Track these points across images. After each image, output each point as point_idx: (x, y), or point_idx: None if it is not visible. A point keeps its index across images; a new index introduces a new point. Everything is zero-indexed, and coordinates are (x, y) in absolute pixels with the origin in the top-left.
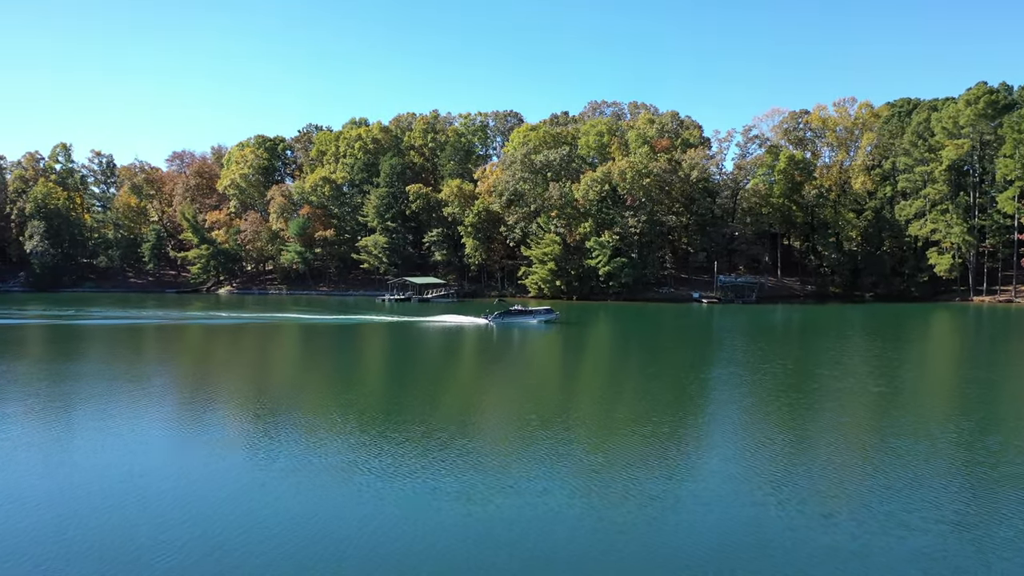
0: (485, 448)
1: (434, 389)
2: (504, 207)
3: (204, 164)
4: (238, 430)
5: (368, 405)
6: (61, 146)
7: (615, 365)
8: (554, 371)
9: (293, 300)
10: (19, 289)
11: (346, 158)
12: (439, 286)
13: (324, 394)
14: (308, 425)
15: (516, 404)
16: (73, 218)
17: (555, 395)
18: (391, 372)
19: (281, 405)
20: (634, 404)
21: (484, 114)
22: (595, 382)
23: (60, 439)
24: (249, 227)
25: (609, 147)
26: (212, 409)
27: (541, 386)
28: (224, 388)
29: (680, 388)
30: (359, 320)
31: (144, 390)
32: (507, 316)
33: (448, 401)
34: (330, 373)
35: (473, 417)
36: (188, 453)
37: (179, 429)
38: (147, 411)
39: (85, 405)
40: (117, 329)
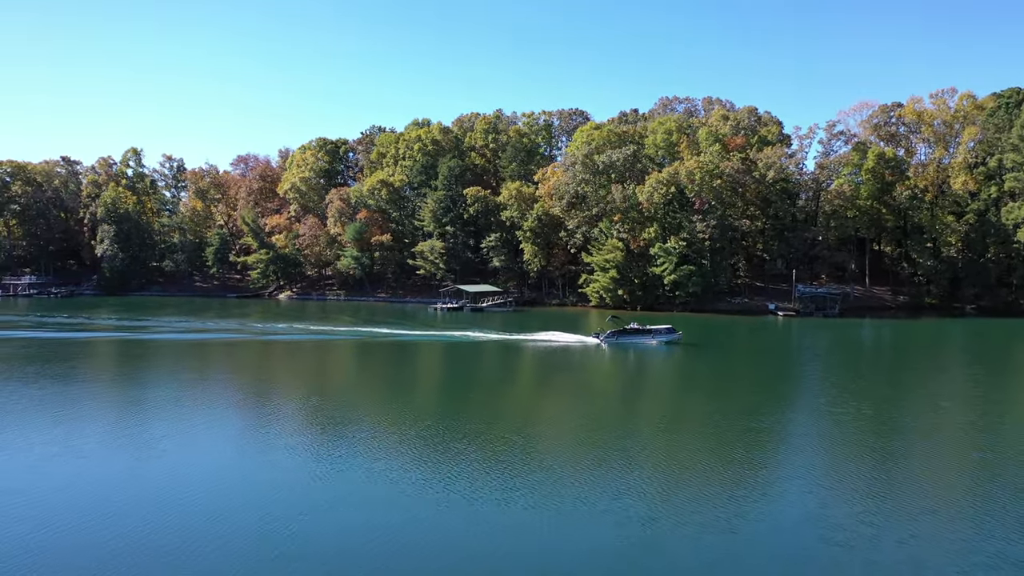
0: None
1: (550, 426)
2: (564, 210)
3: (267, 167)
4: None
5: (483, 443)
6: (132, 151)
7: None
8: (689, 405)
9: (352, 308)
10: (91, 292)
11: (405, 160)
12: (494, 294)
13: (440, 429)
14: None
15: (646, 449)
16: (142, 222)
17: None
18: (496, 400)
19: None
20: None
21: (548, 113)
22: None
23: (142, 448)
24: (307, 231)
25: (678, 146)
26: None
27: (672, 427)
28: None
29: (728, 435)
30: (445, 338)
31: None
32: (621, 335)
33: (567, 437)
34: (443, 407)
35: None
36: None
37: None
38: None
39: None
40: (184, 347)
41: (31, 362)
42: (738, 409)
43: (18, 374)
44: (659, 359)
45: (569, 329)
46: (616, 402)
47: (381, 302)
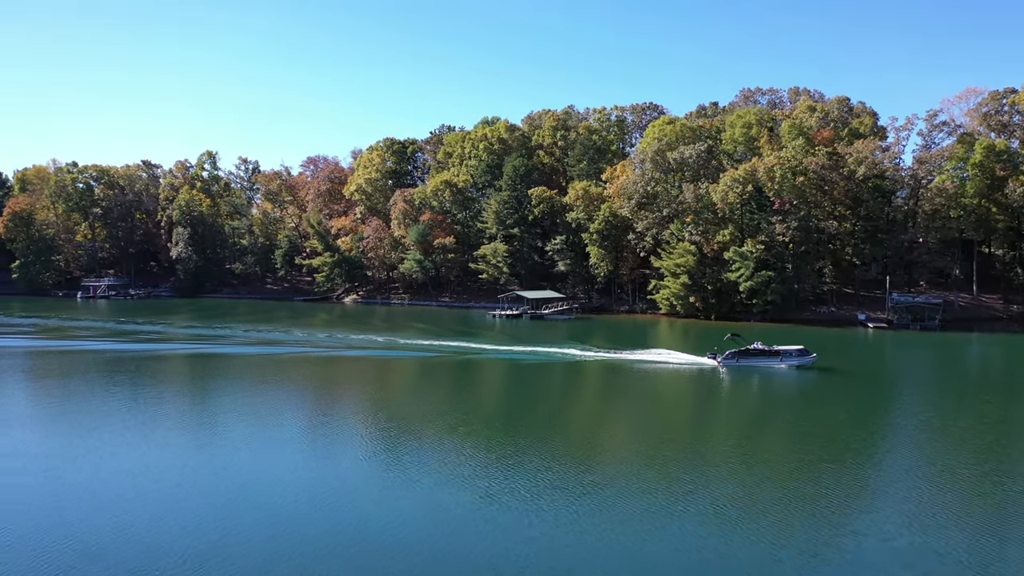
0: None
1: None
2: (633, 211)
3: (335, 169)
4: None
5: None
6: (207, 154)
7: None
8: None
9: (414, 313)
10: (167, 294)
11: (470, 160)
12: (556, 300)
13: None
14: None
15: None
16: (215, 225)
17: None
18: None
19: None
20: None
21: (621, 108)
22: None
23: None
24: (372, 234)
25: (757, 141)
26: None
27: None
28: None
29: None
30: (540, 356)
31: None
32: (743, 357)
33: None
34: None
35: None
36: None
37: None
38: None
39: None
40: (253, 363)
41: (111, 379)
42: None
43: (100, 392)
44: (793, 387)
45: (642, 343)
46: (752, 446)
47: (444, 307)
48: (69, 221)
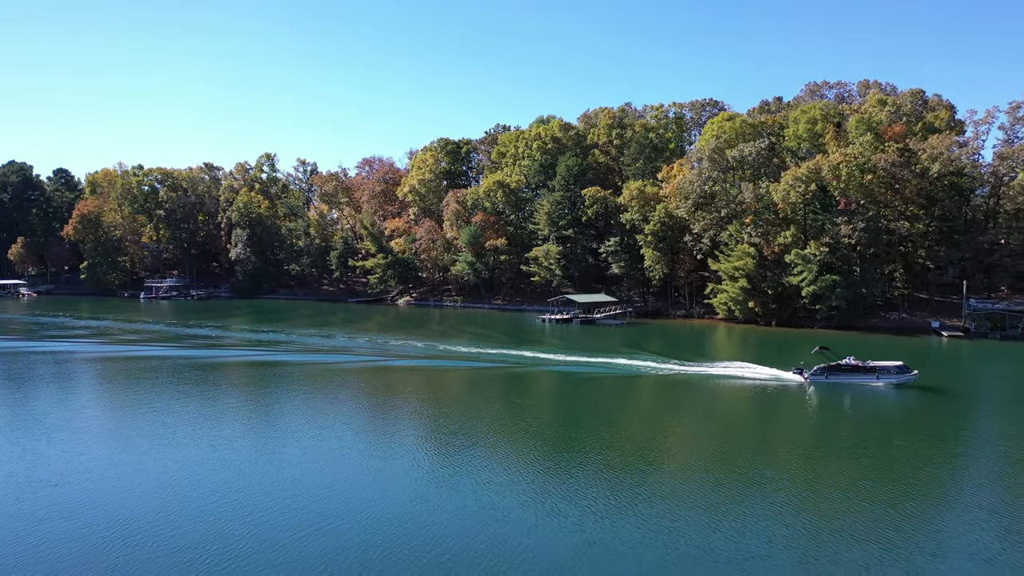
0: None
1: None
2: (690, 212)
3: (390, 169)
4: None
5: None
6: (266, 155)
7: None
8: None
9: (467, 317)
10: (226, 295)
11: (524, 160)
12: (608, 304)
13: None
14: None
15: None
16: (273, 226)
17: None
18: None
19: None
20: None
21: (680, 104)
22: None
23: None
24: (424, 235)
25: (823, 137)
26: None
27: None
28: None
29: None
30: (597, 368)
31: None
32: (834, 373)
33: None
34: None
35: None
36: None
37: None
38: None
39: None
40: (315, 372)
41: (173, 388)
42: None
43: (163, 401)
44: (892, 408)
45: (699, 351)
46: (848, 477)
47: (496, 309)
48: (135, 223)
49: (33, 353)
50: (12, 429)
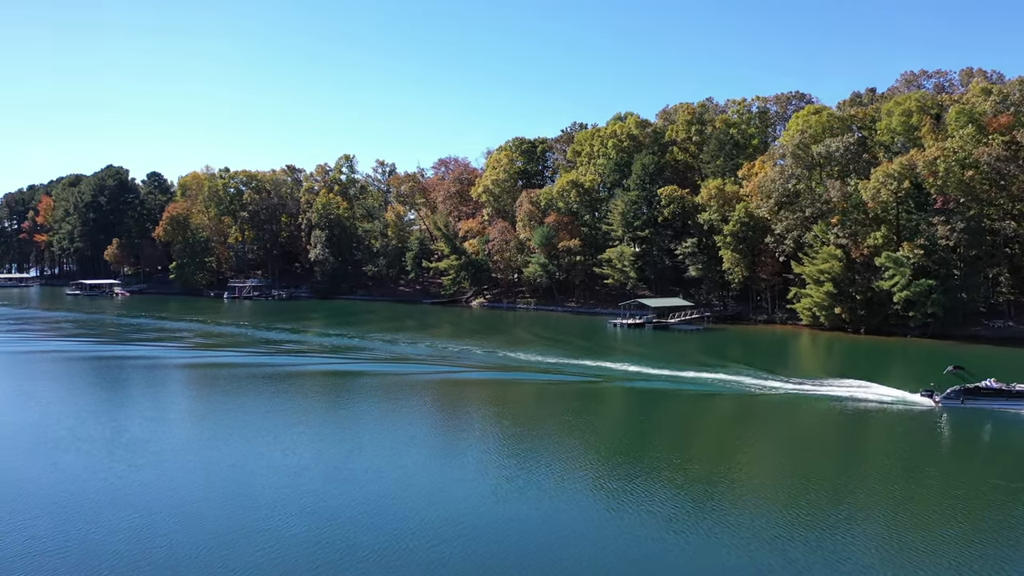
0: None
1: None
2: (772, 211)
3: (465, 170)
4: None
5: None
6: (344, 157)
7: None
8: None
9: (539, 320)
10: (306, 295)
11: (599, 159)
12: (684, 309)
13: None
14: None
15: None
16: (351, 227)
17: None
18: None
19: None
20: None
21: (763, 98)
22: None
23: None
24: (497, 236)
25: (919, 130)
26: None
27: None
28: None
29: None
30: (692, 385)
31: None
32: (971, 397)
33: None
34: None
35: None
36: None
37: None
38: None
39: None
40: (390, 383)
41: (245, 399)
42: None
43: (238, 413)
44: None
45: (777, 359)
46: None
47: (569, 312)
48: (221, 224)
49: (117, 358)
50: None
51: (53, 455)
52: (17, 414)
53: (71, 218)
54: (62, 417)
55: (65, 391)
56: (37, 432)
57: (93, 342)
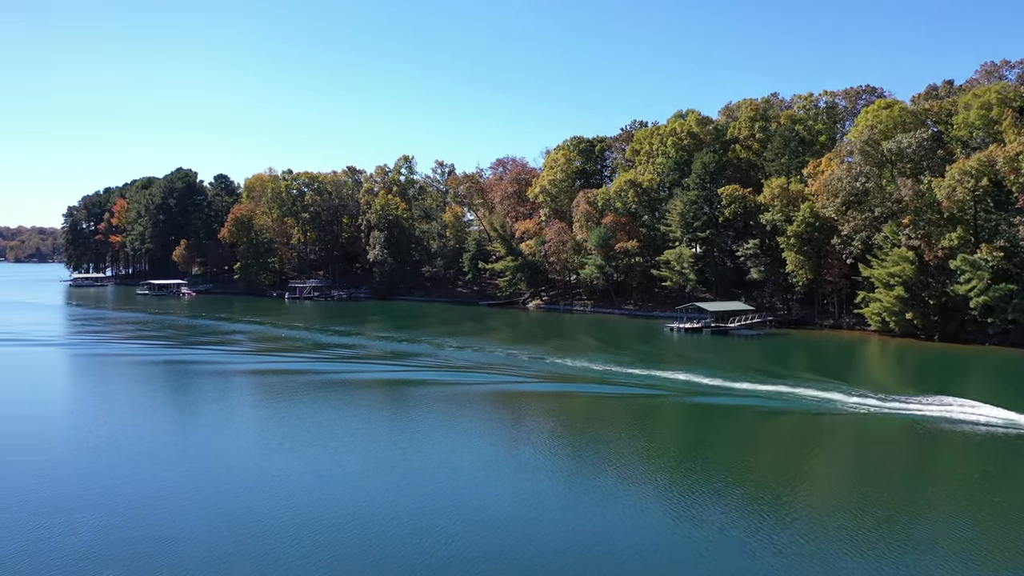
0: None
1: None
2: (839, 211)
3: (523, 170)
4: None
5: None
6: (403, 158)
7: None
8: None
9: (595, 323)
10: (364, 296)
11: (658, 157)
12: (743, 313)
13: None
14: None
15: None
16: (410, 228)
17: None
18: None
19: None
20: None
21: (832, 93)
22: None
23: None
24: (554, 237)
25: (999, 124)
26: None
27: None
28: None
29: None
30: (765, 401)
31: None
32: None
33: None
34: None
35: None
36: None
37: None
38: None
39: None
40: (447, 395)
41: (302, 409)
42: None
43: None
44: None
45: (843, 367)
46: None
47: (626, 315)
48: (283, 225)
49: (181, 362)
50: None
51: (136, 464)
52: (91, 422)
53: (143, 220)
54: (137, 426)
55: (135, 398)
56: (114, 442)
57: (158, 345)
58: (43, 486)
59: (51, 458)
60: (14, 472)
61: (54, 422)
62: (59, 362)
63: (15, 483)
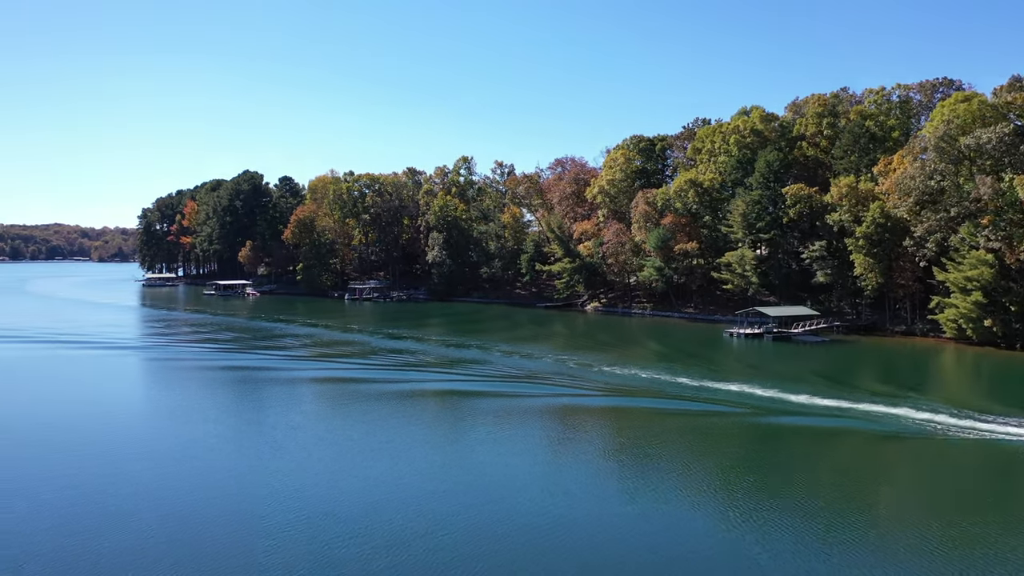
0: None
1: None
2: (911, 211)
3: (582, 169)
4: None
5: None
6: (462, 159)
7: None
8: None
9: (654, 328)
10: (423, 297)
11: (720, 156)
12: (807, 318)
13: None
14: None
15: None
16: (468, 229)
17: None
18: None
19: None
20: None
21: (906, 86)
22: None
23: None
24: (612, 238)
25: None
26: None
27: None
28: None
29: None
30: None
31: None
32: None
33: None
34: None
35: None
36: None
37: None
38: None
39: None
40: (503, 408)
41: (361, 424)
42: None
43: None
44: None
45: (917, 379)
46: None
47: (685, 319)
48: (345, 226)
49: (245, 368)
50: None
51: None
52: (168, 428)
53: (211, 221)
54: (213, 435)
55: (204, 407)
56: (187, 449)
57: (220, 349)
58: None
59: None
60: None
61: (129, 431)
62: (127, 367)
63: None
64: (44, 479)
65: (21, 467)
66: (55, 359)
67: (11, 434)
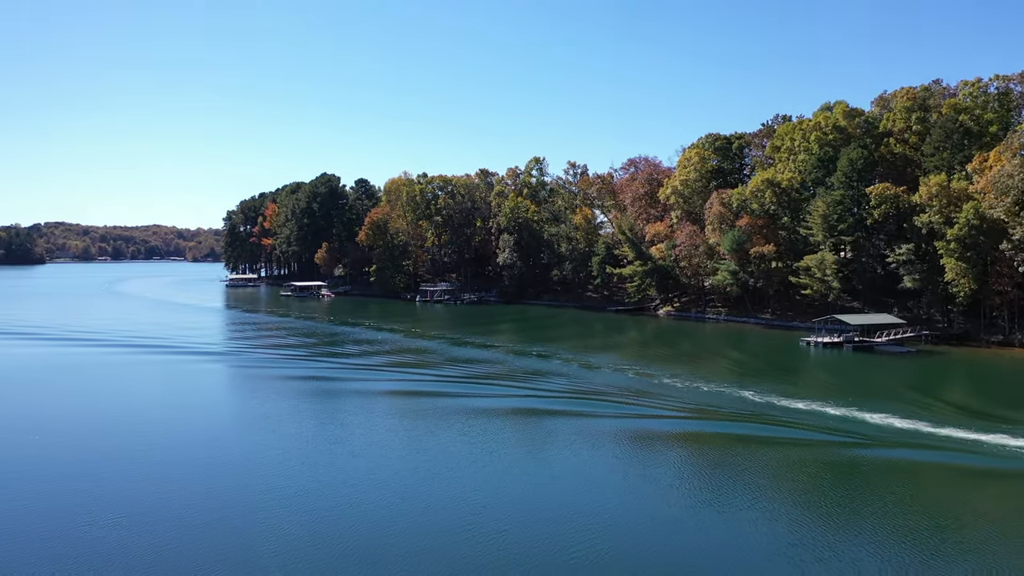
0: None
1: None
2: (1009, 213)
3: (655, 170)
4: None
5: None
6: (534, 160)
7: None
8: None
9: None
10: (494, 300)
11: (800, 154)
12: (891, 327)
13: None
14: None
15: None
16: (539, 231)
17: None
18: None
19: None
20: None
21: (1005, 77)
22: None
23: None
24: (685, 240)
25: None
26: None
27: None
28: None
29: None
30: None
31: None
32: None
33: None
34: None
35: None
36: None
37: None
38: None
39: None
40: (575, 431)
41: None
42: None
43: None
44: None
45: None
46: None
47: (762, 325)
48: (418, 228)
49: (318, 378)
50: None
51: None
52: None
53: (290, 223)
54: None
55: (268, 422)
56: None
57: (296, 357)
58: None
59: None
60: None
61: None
62: (208, 375)
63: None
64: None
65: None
66: (127, 365)
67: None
